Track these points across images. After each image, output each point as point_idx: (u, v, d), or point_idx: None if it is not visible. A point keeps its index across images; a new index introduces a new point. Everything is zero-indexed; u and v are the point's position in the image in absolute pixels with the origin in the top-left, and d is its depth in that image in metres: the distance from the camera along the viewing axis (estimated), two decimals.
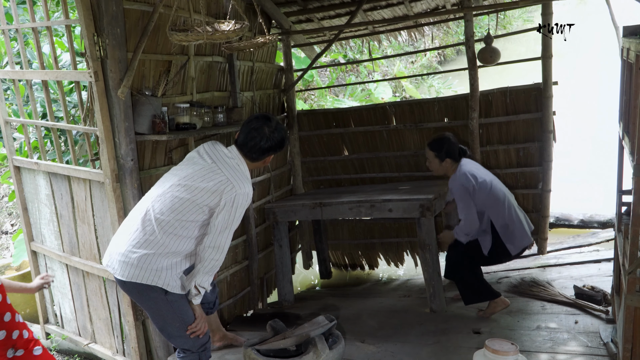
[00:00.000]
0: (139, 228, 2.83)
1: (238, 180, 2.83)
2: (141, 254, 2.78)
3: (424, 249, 4.33)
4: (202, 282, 2.87)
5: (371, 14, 5.54)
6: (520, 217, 4.09)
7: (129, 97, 3.41)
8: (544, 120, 4.96)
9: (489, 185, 4.03)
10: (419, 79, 13.88)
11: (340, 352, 3.29)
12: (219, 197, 2.79)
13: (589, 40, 15.49)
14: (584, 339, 3.59)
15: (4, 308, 2.74)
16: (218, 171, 2.84)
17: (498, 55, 4.92)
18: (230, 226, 2.85)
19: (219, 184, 2.80)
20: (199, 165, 2.90)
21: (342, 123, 5.84)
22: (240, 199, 2.82)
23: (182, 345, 3.01)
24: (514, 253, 4.04)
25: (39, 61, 3.84)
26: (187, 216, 2.80)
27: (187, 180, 2.84)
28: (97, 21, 3.22)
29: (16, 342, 2.78)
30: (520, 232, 4.03)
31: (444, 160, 4.10)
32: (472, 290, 4.13)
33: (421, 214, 4.25)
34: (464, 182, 3.99)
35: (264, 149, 2.96)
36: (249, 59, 4.96)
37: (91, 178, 3.63)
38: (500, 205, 4.00)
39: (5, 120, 4.28)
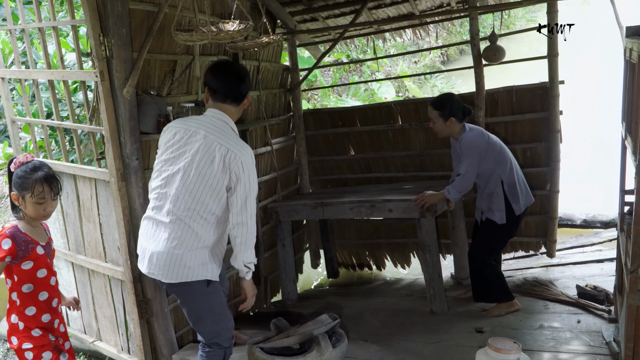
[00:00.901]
0: (169, 229, 2.84)
1: (236, 146, 2.81)
2: (182, 253, 2.81)
3: (424, 250, 4.32)
4: (247, 259, 2.91)
5: (376, 12, 5.54)
6: (522, 178, 4.19)
7: (134, 97, 3.44)
8: (550, 120, 4.93)
9: (499, 144, 4.12)
10: (422, 79, 13.88)
11: (344, 350, 3.30)
12: (227, 172, 2.80)
13: (589, 40, 15.48)
14: (587, 338, 3.60)
15: (51, 272, 2.89)
16: (214, 145, 2.79)
17: (503, 53, 4.91)
18: (249, 196, 2.86)
19: (222, 158, 2.78)
20: (193, 146, 2.83)
21: (348, 122, 5.85)
22: (247, 165, 2.83)
23: (212, 339, 3.03)
24: (517, 213, 4.08)
25: (45, 61, 3.86)
26: (210, 203, 2.83)
27: (193, 169, 2.80)
28: (102, 21, 3.24)
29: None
30: (524, 191, 4.13)
31: (447, 119, 4.08)
32: (491, 290, 4.18)
33: (421, 214, 4.24)
34: (478, 138, 4.03)
35: (238, 81, 2.94)
36: (254, 59, 4.98)
37: (97, 177, 3.65)
38: (509, 163, 4.07)
39: (12, 119, 4.31)
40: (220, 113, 2.93)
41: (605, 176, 8.55)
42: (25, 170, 2.71)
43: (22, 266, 2.71)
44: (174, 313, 3.95)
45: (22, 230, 2.72)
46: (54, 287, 2.88)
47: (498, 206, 4.07)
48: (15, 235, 2.67)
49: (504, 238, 4.25)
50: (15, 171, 2.73)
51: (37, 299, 2.78)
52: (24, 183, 2.70)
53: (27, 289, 2.75)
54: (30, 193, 2.70)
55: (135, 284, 3.60)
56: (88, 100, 3.72)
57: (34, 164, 2.75)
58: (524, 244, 5.53)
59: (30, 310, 2.77)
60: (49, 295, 2.84)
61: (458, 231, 5.03)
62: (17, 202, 2.74)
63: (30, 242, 2.73)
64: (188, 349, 3.91)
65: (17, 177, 2.71)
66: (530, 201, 4.21)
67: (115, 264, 3.77)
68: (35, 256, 2.74)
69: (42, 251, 2.79)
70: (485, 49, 4.95)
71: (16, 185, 2.72)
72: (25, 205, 2.72)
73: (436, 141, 5.45)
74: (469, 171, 4.01)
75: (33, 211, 2.73)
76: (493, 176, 4.07)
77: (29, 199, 2.71)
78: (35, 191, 2.70)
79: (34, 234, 2.77)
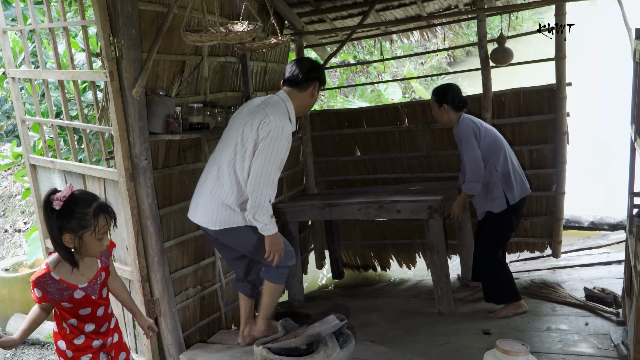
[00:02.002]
0: (216, 182, 3.36)
1: (274, 114, 3.25)
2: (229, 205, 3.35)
3: (432, 251, 4.30)
4: (254, 216, 3.27)
5: (383, 14, 5.55)
6: (517, 169, 4.20)
7: (143, 97, 3.45)
8: (557, 122, 4.93)
9: (493, 133, 4.18)
10: (428, 80, 13.87)
11: (351, 351, 3.31)
12: (256, 131, 3.23)
13: (589, 41, 15.41)
14: (595, 340, 3.59)
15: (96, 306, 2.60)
16: (260, 109, 3.32)
17: (511, 55, 4.90)
18: (268, 166, 3.23)
19: (258, 116, 3.26)
20: (247, 107, 3.44)
21: (354, 123, 5.86)
22: (274, 132, 3.19)
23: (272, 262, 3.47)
24: (512, 202, 4.08)
25: (55, 61, 3.88)
26: (243, 160, 3.29)
27: (238, 124, 3.35)
28: (112, 22, 3.26)
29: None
30: (519, 182, 4.14)
31: (441, 105, 4.17)
32: (500, 288, 4.16)
33: (429, 215, 4.22)
34: (470, 124, 4.11)
35: (306, 70, 3.45)
36: (262, 60, 4.99)
37: (105, 177, 3.67)
38: (502, 153, 4.10)
39: (22, 118, 4.33)
40: (282, 93, 3.48)
41: (605, 176, 8.56)
42: (79, 205, 2.34)
43: (62, 304, 2.46)
44: (182, 313, 3.97)
45: (55, 278, 2.41)
46: (102, 316, 2.60)
47: (497, 194, 4.09)
48: (46, 285, 2.40)
49: (506, 230, 4.23)
50: (62, 210, 2.31)
51: (84, 329, 2.56)
52: (82, 221, 2.33)
53: (72, 322, 2.53)
54: (92, 230, 2.35)
55: (144, 284, 3.61)
56: (97, 100, 3.74)
57: (83, 197, 2.39)
58: (529, 244, 5.53)
59: (79, 340, 2.55)
60: (97, 325, 2.59)
61: (464, 232, 5.03)
62: (71, 244, 2.37)
63: (66, 288, 2.43)
64: (195, 348, 3.93)
65: (71, 216, 2.32)
66: (526, 192, 4.19)
67: (123, 263, 3.78)
68: (74, 300, 2.46)
69: (82, 294, 2.47)
70: (494, 51, 4.94)
71: (72, 226, 2.32)
72: (82, 244, 2.37)
73: (443, 142, 5.45)
74: (471, 155, 4.05)
75: (93, 249, 2.42)
76: (487, 166, 4.10)
77: (90, 236, 2.36)
78: (99, 226, 2.37)
79: (72, 277, 2.45)
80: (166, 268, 3.70)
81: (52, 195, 2.32)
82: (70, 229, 2.33)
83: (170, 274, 3.80)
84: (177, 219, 3.97)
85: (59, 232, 2.33)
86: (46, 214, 2.33)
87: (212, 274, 4.39)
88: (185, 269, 4.03)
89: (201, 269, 4.24)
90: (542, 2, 4.81)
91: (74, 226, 2.32)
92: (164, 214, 3.81)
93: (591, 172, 8.75)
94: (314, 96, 3.53)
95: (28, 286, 5.00)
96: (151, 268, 3.63)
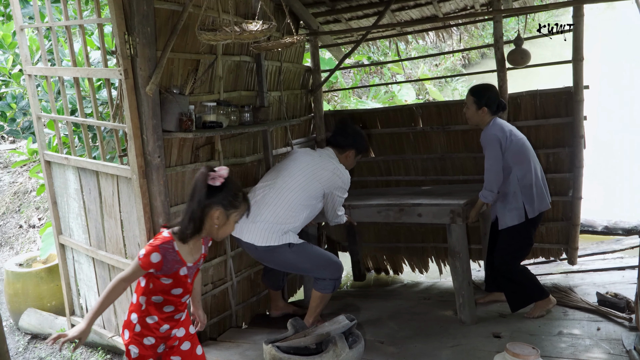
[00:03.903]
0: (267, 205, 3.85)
1: (341, 168, 4.05)
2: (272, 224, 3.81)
3: (454, 257, 4.20)
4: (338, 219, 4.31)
5: (399, 14, 5.53)
6: (541, 182, 4.15)
7: (157, 95, 3.47)
8: (574, 125, 4.85)
9: (522, 143, 4.09)
10: (443, 82, 13.82)
11: (360, 351, 3.30)
12: (331, 180, 3.98)
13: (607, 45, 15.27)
14: (606, 346, 3.56)
15: (186, 291, 2.66)
16: (327, 161, 4.02)
17: (528, 57, 4.85)
18: (342, 200, 4.17)
19: (329, 171, 3.98)
20: (311, 157, 4.05)
21: (369, 124, 5.83)
22: (341, 183, 4.05)
23: (320, 275, 3.95)
24: (530, 215, 4.05)
25: (71, 59, 3.91)
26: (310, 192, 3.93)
27: (308, 166, 3.97)
28: (128, 20, 3.28)
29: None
30: (540, 196, 4.09)
31: (481, 108, 4.11)
32: (527, 292, 4.14)
33: (451, 219, 4.14)
34: (497, 132, 4.03)
35: (336, 143, 4.19)
36: (276, 59, 5.00)
37: (119, 174, 3.69)
38: (527, 165, 4.05)
39: (38, 115, 4.38)
40: (331, 152, 4.16)
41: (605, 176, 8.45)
42: (235, 187, 2.50)
43: (161, 279, 2.52)
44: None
45: (175, 249, 2.48)
46: (184, 303, 2.68)
47: (516, 205, 4.04)
48: (167, 253, 2.46)
49: (524, 243, 4.19)
50: (221, 187, 2.45)
51: (162, 310, 2.60)
52: (235, 201, 2.48)
53: (156, 300, 2.57)
54: (238, 212, 2.51)
55: None
56: (112, 98, 3.77)
57: (235, 181, 2.53)
58: (544, 250, 5.47)
59: (152, 319, 2.60)
60: (175, 309, 2.64)
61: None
62: (217, 221, 2.48)
63: (178, 262, 2.50)
64: (206, 345, 3.92)
65: (227, 194, 2.46)
66: (545, 207, 4.15)
67: None
68: (176, 276, 2.54)
69: (185, 272, 2.56)
70: (511, 52, 4.90)
71: (226, 203, 2.46)
72: (225, 223, 2.51)
73: (457, 145, 5.42)
74: (492, 164, 4.01)
75: (227, 230, 2.55)
76: (510, 175, 4.05)
77: (233, 217, 2.51)
78: (242, 209, 2.53)
79: (186, 254, 2.54)
80: None
81: (211, 172, 2.44)
82: (223, 206, 2.46)
83: None
84: None
85: (207, 207, 2.44)
86: (198, 187, 2.44)
87: (224, 273, 4.40)
88: None
89: (212, 267, 4.25)
90: (560, 3, 4.76)
91: (227, 204, 2.46)
92: (176, 212, 3.82)
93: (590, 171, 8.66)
94: (349, 158, 4.22)
95: (41, 281, 5.10)
96: None
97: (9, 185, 8.08)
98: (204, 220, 2.47)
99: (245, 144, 4.60)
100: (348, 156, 4.18)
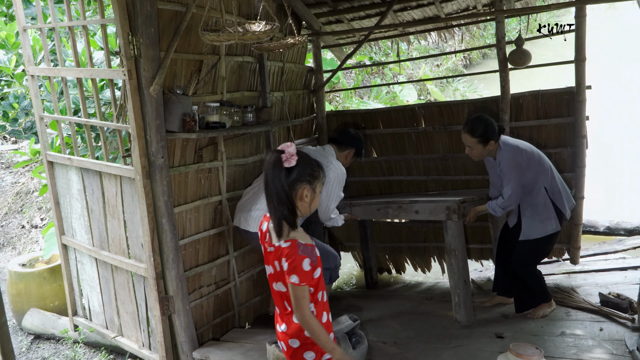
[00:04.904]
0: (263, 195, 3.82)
1: (337, 163, 4.16)
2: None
3: (450, 254, 4.22)
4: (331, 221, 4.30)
5: (401, 14, 5.53)
6: (562, 182, 4.17)
7: (161, 96, 3.47)
8: (576, 125, 4.86)
9: (537, 154, 4.07)
10: (444, 82, 13.82)
11: (363, 352, 3.30)
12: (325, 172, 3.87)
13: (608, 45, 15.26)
14: (609, 346, 3.56)
15: None
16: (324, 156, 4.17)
17: (529, 57, 4.85)
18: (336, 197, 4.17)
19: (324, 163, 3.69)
20: (308, 151, 4.09)
21: (371, 124, 5.83)
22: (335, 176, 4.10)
23: None
24: (568, 217, 4.14)
25: (74, 59, 3.92)
26: None
27: None
28: (131, 21, 3.28)
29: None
30: (567, 196, 4.13)
31: (487, 143, 4.02)
32: (531, 296, 4.18)
33: (447, 216, 4.17)
34: (516, 155, 3.97)
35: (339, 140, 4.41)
36: (279, 60, 5.00)
37: (122, 174, 3.70)
38: (549, 172, 4.06)
39: (41, 116, 4.38)
40: (331, 150, 4.36)
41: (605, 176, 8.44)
42: (308, 158, 2.40)
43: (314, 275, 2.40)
44: (196, 310, 3.99)
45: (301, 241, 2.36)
46: None
47: (549, 214, 4.03)
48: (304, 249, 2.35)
49: (549, 248, 4.23)
50: (297, 164, 2.34)
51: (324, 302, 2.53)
52: (314, 172, 2.40)
53: (320, 296, 2.49)
54: (319, 180, 2.42)
55: (158, 281, 3.63)
56: (115, 98, 3.78)
57: (302, 152, 2.39)
58: None
59: (324, 317, 2.51)
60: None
61: None
62: (306, 199, 2.39)
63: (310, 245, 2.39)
64: (208, 346, 3.94)
65: (305, 168, 2.37)
66: (572, 204, 4.19)
67: (138, 260, 3.81)
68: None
69: None
70: (512, 53, 4.90)
71: (308, 177, 2.37)
72: (311, 199, 2.41)
73: (460, 145, 5.40)
74: (515, 192, 3.99)
75: (316, 203, 2.45)
76: (536, 186, 4.03)
77: (318, 187, 2.42)
78: (321, 176, 2.43)
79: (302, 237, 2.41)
80: (180, 266, 3.72)
81: (280, 155, 2.32)
82: (307, 181, 2.36)
83: (185, 271, 3.82)
84: (192, 217, 3.99)
85: (292, 189, 2.35)
86: (275, 174, 2.33)
87: (227, 273, 4.40)
88: (199, 267, 4.05)
89: (215, 267, 4.25)
90: (562, 4, 4.76)
91: (309, 177, 2.37)
92: (179, 212, 3.83)
93: (606, 176, 8.65)
94: (347, 158, 4.41)
95: (44, 281, 5.11)
96: (166, 265, 3.65)
97: (11, 185, 8.09)
98: (295, 202, 2.37)
99: (248, 145, 4.60)
100: (347, 155, 4.40)
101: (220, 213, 4.26)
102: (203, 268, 4.09)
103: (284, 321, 2.55)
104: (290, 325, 2.50)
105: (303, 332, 2.45)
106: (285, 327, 2.54)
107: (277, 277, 2.46)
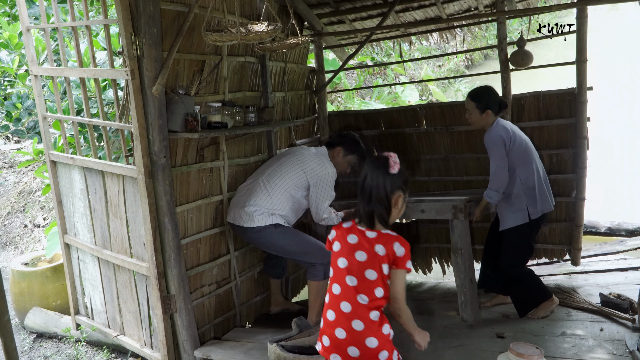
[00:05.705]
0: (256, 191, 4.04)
1: (327, 162, 4.16)
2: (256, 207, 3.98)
3: (456, 253, 4.21)
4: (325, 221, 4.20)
5: (403, 15, 5.53)
6: (543, 183, 4.16)
7: (163, 95, 3.49)
8: (578, 126, 4.85)
9: (525, 144, 4.11)
10: (446, 83, 13.83)
11: None
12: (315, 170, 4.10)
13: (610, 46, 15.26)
14: (610, 346, 3.57)
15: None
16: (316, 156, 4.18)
17: (530, 58, 4.86)
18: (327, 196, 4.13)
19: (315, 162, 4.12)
20: (302, 150, 4.24)
21: (373, 125, 5.84)
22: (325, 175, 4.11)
23: (309, 259, 4.09)
24: (533, 216, 4.07)
25: (77, 59, 3.94)
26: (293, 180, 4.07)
27: (296, 157, 4.15)
28: (134, 21, 3.30)
29: None
30: (542, 197, 4.10)
31: (484, 111, 4.11)
32: (532, 294, 4.17)
33: (454, 215, 4.15)
34: (502, 132, 4.03)
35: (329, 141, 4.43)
36: (281, 60, 5.01)
37: (124, 174, 3.72)
38: (530, 166, 4.07)
39: (44, 115, 4.40)
40: (323, 151, 4.31)
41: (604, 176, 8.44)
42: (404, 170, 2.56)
43: None
44: (197, 309, 4.00)
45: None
46: None
47: (520, 206, 4.06)
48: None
49: (528, 244, 4.21)
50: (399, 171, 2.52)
51: None
52: (407, 182, 2.57)
53: None
54: (408, 191, 2.58)
55: (160, 280, 3.65)
56: (118, 98, 3.79)
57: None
58: (548, 251, 5.46)
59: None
60: None
61: None
62: (399, 203, 2.53)
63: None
64: (210, 344, 3.96)
65: (401, 176, 2.53)
66: (548, 209, 4.16)
67: (140, 259, 3.82)
68: None
69: None
70: (513, 54, 4.91)
71: (404, 187, 2.54)
72: (401, 207, 2.56)
73: (461, 145, 5.42)
74: (499, 165, 4.02)
75: (402, 212, 2.59)
76: (513, 175, 4.06)
77: (407, 197, 2.59)
78: (408, 188, 2.59)
79: None
80: (182, 265, 3.74)
81: (389, 160, 2.51)
82: (402, 189, 2.53)
83: (187, 271, 3.84)
84: (194, 217, 4.00)
85: (392, 195, 2.50)
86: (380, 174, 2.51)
87: (228, 272, 4.42)
88: (201, 267, 4.07)
89: (217, 266, 4.27)
90: (564, 4, 4.77)
91: (404, 188, 2.54)
92: (181, 212, 3.85)
93: (607, 177, 8.65)
94: (336, 156, 4.33)
95: (47, 280, 5.13)
96: (168, 264, 3.67)
97: (14, 185, 8.12)
98: (391, 208, 2.52)
99: (250, 145, 4.62)
100: (336, 154, 4.31)
101: (221, 212, 4.28)
102: (204, 267, 4.10)
103: (350, 321, 2.49)
104: (366, 322, 2.48)
105: (381, 329, 2.52)
106: (359, 324, 2.49)
107: (369, 264, 2.49)
